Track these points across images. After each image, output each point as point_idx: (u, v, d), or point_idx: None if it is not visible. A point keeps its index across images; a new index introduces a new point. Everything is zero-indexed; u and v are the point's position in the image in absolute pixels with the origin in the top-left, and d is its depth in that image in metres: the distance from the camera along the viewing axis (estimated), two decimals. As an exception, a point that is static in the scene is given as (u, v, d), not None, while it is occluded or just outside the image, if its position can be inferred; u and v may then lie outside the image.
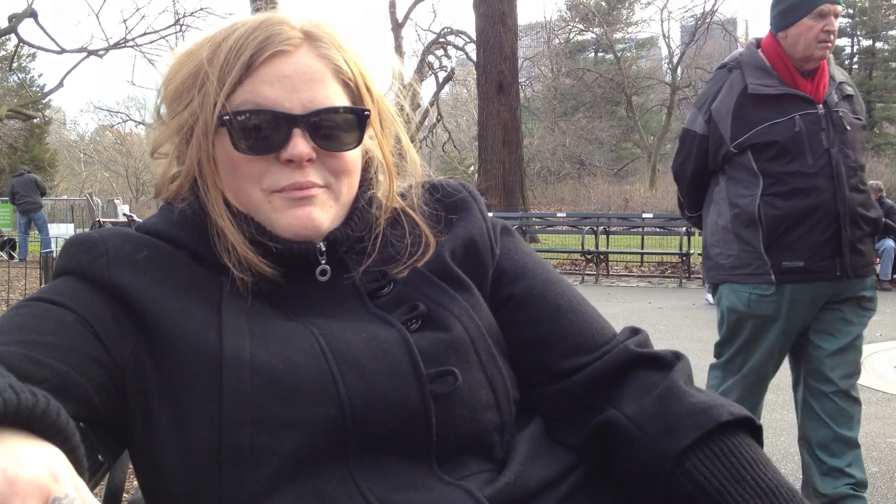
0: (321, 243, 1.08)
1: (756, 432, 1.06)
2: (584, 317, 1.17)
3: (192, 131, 1.08)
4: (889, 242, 12.73)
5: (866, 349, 7.25)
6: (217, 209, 1.06)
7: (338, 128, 1.08)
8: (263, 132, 1.05)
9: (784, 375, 6.24)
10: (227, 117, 1.04)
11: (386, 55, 1.24)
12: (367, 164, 1.17)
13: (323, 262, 1.09)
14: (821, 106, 3.07)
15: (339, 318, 1.06)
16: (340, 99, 1.10)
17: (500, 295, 1.17)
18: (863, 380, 5.99)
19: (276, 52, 1.06)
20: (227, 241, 1.05)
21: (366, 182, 1.16)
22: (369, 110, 1.12)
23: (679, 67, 42.73)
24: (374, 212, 1.16)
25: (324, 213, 1.08)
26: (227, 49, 1.06)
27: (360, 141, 1.11)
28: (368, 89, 1.13)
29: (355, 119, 1.10)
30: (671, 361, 1.12)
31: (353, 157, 1.11)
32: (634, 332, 1.17)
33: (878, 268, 12.59)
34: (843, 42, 49.05)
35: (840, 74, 3.25)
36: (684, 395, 1.06)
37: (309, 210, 1.06)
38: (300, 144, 1.05)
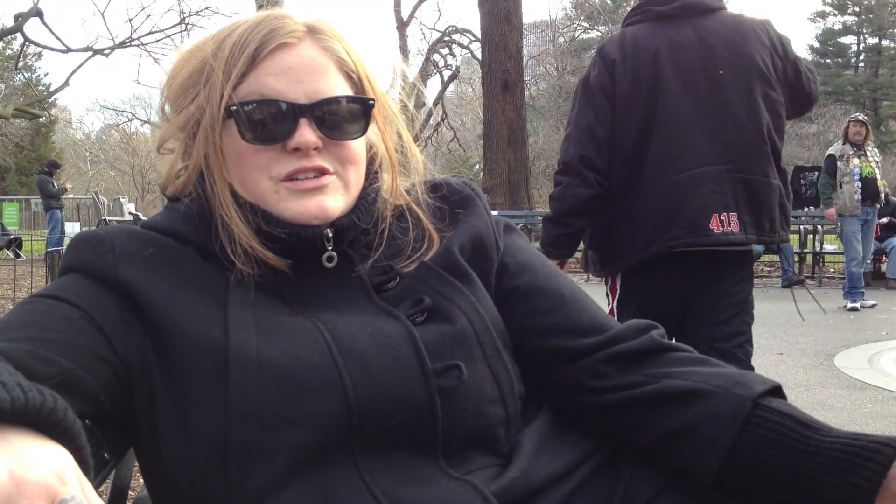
0: (328, 230, 1.08)
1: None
2: (587, 304, 1.19)
3: (198, 125, 1.09)
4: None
5: (872, 347, 7.26)
6: (224, 201, 1.07)
7: (343, 117, 1.09)
8: (270, 122, 1.06)
9: (789, 374, 6.24)
10: (234, 108, 1.05)
11: (388, 54, 1.26)
12: (371, 159, 1.18)
13: (329, 248, 1.09)
14: None
15: (345, 312, 1.07)
16: (344, 90, 1.11)
17: (503, 288, 1.18)
18: (869, 378, 5.99)
19: (280, 44, 1.07)
20: (231, 233, 1.06)
21: (371, 175, 1.17)
22: (374, 99, 1.13)
23: (684, 65, 42.58)
24: (380, 205, 1.17)
25: (335, 201, 1.09)
26: (231, 44, 1.07)
27: (364, 130, 1.12)
28: (370, 83, 1.14)
29: (360, 108, 1.11)
30: (692, 350, 1.15)
31: (358, 146, 1.12)
32: (653, 325, 1.18)
33: (885, 265, 12.54)
34: (848, 40, 48.99)
35: None
36: (724, 366, 1.10)
37: (320, 199, 1.07)
38: (307, 133, 1.06)
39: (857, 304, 9.91)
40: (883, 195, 10.03)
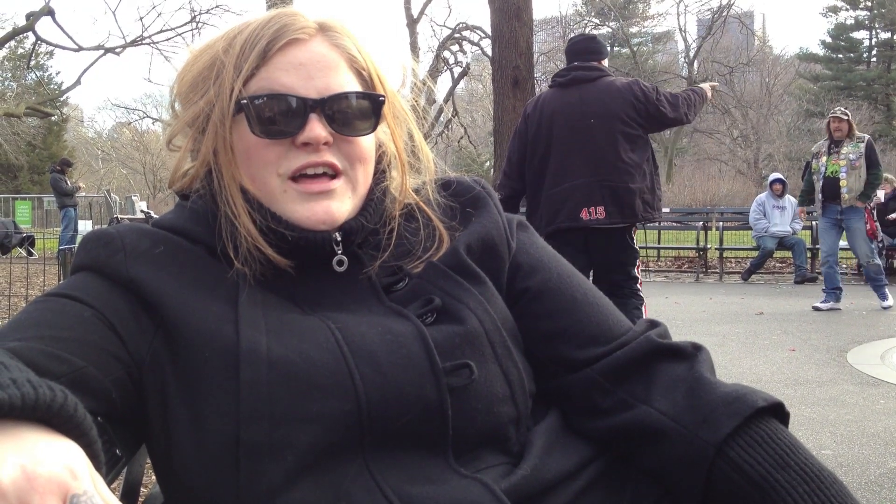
0: (336, 233, 1.08)
1: (784, 419, 1.06)
2: (601, 309, 1.18)
3: (207, 121, 1.09)
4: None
5: (885, 343, 7.22)
6: (231, 197, 1.07)
7: (353, 114, 1.09)
8: (280, 117, 1.06)
9: (801, 370, 6.21)
10: (245, 102, 1.05)
11: (398, 52, 1.25)
12: (379, 158, 1.18)
13: (339, 251, 1.09)
14: None
15: (355, 312, 1.07)
16: (354, 87, 1.11)
17: (516, 288, 1.17)
18: (881, 374, 5.97)
19: (290, 40, 1.08)
20: (237, 232, 1.06)
21: (379, 174, 1.17)
22: (384, 96, 1.13)
23: (696, 61, 42.49)
24: (389, 205, 1.17)
25: (342, 206, 1.09)
26: (242, 40, 1.08)
27: (374, 127, 1.12)
28: (381, 80, 1.15)
29: (370, 105, 1.11)
30: (692, 353, 1.12)
31: (368, 143, 1.12)
32: (654, 324, 1.17)
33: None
34: (861, 35, 48.69)
35: None
36: (713, 385, 1.07)
37: (327, 204, 1.07)
38: (316, 128, 1.06)
39: (822, 306, 9.47)
40: (845, 195, 9.05)
